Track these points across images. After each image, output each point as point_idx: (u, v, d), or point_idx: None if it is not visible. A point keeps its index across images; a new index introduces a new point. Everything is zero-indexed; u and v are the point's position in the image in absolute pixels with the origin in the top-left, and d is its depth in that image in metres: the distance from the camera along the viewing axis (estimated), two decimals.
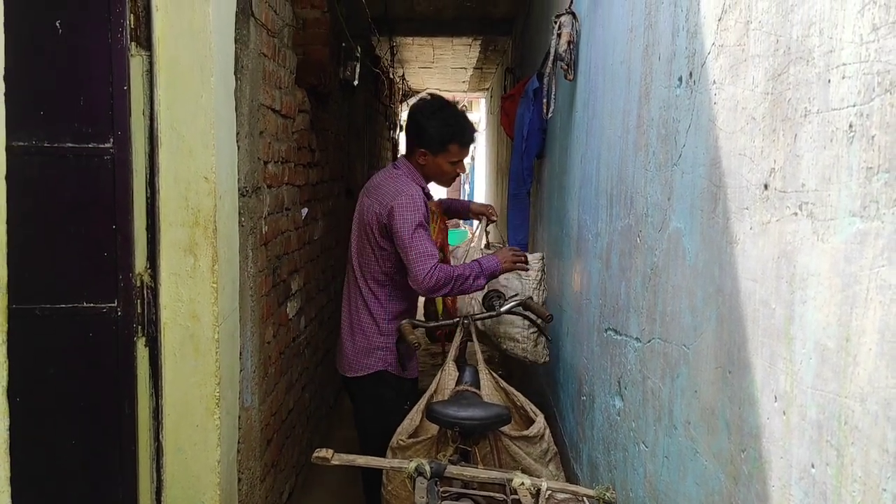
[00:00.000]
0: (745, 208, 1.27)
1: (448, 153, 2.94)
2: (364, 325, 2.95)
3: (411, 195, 2.82)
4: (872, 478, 0.88)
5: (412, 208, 2.79)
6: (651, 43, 1.90)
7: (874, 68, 0.90)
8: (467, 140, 3.00)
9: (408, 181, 2.92)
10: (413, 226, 2.76)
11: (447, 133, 2.92)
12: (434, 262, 2.77)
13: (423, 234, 2.79)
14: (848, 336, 0.94)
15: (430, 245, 2.79)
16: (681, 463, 1.59)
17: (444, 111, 2.97)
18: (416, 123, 2.95)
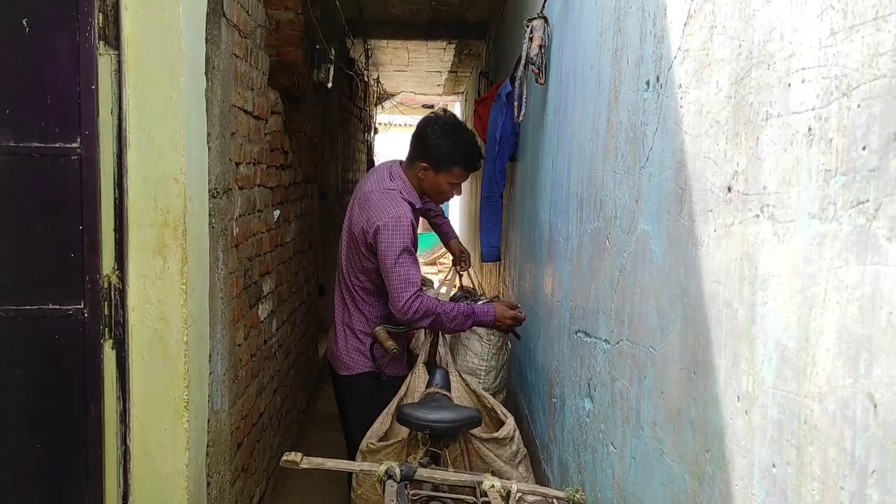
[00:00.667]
0: (709, 210, 1.28)
1: (450, 174, 2.90)
2: (355, 326, 2.96)
3: (398, 217, 2.77)
4: (831, 476, 0.90)
5: (399, 232, 2.74)
6: (620, 47, 1.92)
7: (832, 72, 0.91)
8: (473, 166, 2.97)
9: (398, 200, 2.84)
10: (397, 251, 2.72)
11: (455, 155, 2.88)
12: (414, 290, 2.73)
13: (408, 259, 2.75)
14: (807, 336, 0.96)
15: (414, 272, 2.75)
16: (648, 464, 1.60)
17: (457, 133, 2.91)
18: (425, 137, 2.88)
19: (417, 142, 2.92)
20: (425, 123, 2.95)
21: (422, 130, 2.92)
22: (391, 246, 2.73)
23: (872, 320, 0.82)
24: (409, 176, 2.94)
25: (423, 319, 2.76)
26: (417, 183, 2.93)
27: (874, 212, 0.82)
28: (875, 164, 0.82)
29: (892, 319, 0.79)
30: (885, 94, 0.81)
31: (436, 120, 2.93)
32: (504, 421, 2.57)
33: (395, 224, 2.75)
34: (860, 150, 0.85)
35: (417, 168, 2.90)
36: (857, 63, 0.86)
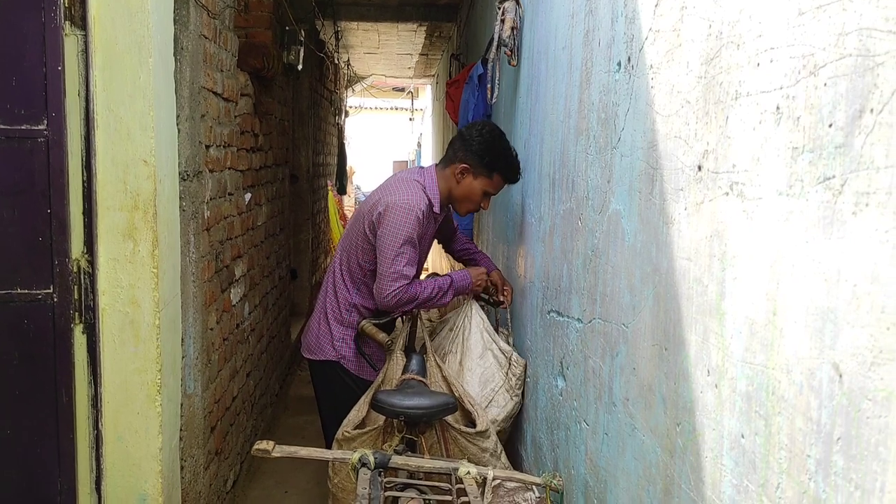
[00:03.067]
0: (679, 189, 1.30)
1: (489, 181, 2.80)
2: (328, 309, 2.93)
3: (411, 204, 2.68)
4: (798, 445, 0.93)
5: (408, 219, 2.66)
6: (591, 28, 1.93)
7: (800, 51, 0.93)
8: (512, 179, 2.86)
9: (418, 190, 2.76)
10: (400, 239, 2.65)
11: (501, 163, 2.78)
12: (403, 283, 2.68)
13: (409, 251, 2.68)
14: (775, 310, 0.98)
15: (410, 268, 2.69)
16: (620, 439, 1.63)
17: (504, 141, 2.82)
18: (472, 139, 2.79)
19: (462, 143, 2.81)
20: (471, 127, 2.88)
21: (467, 133, 2.84)
22: (395, 231, 2.66)
23: (838, 293, 0.84)
24: (441, 177, 2.84)
25: (405, 306, 2.72)
26: (447, 186, 2.83)
27: (840, 187, 0.84)
28: (841, 141, 0.85)
29: (856, 292, 0.81)
30: (850, 72, 0.83)
31: (482, 125, 2.86)
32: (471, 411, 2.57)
33: (406, 209, 2.67)
34: (827, 127, 0.87)
35: (455, 169, 2.79)
36: (824, 42, 0.88)
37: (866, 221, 0.80)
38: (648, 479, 1.45)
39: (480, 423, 2.53)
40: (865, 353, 0.79)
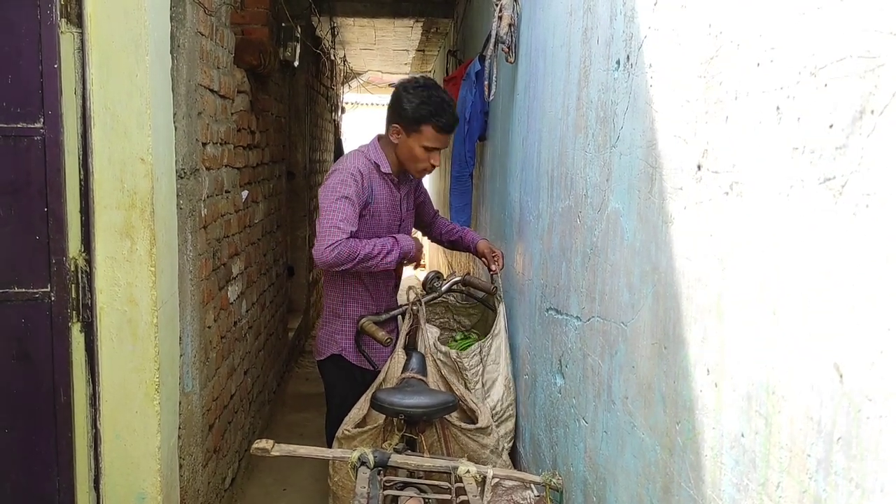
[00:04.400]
0: (679, 188, 1.31)
1: (421, 134, 2.76)
2: (327, 308, 2.94)
3: (345, 167, 2.74)
4: (798, 444, 0.93)
5: (340, 179, 2.69)
6: (590, 26, 1.93)
7: (800, 52, 0.93)
8: (444, 125, 2.78)
9: (358, 155, 2.82)
10: (335, 196, 2.66)
11: (423, 111, 2.73)
12: (341, 236, 2.61)
13: (342, 206, 2.65)
14: (775, 310, 0.98)
15: (345, 220, 2.64)
16: (619, 437, 1.63)
17: (427, 90, 2.77)
18: (397, 97, 2.79)
19: (392, 105, 2.83)
20: (399, 86, 2.85)
21: (395, 93, 2.82)
22: (330, 190, 2.68)
23: (838, 293, 0.85)
24: (385, 143, 2.87)
25: (346, 263, 2.64)
26: (391, 151, 2.85)
27: (840, 188, 0.84)
28: (842, 142, 0.85)
29: (856, 292, 0.81)
30: (850, 73, 0.83)
31: (409, 81, 2.85)
32: (474, 409, 2.58)
33: (341, 171, 2.72)
34: (827, 128, 0.87)
35: (391, 131, 2.82)
36: (825, 43, 0.88)
37: (866, 222, 0.80)
38: (648, 477, 1.45)
39: (482, 419, 2.53)
40: (866, 353, 0.79)
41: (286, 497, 3.76)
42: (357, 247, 2.65)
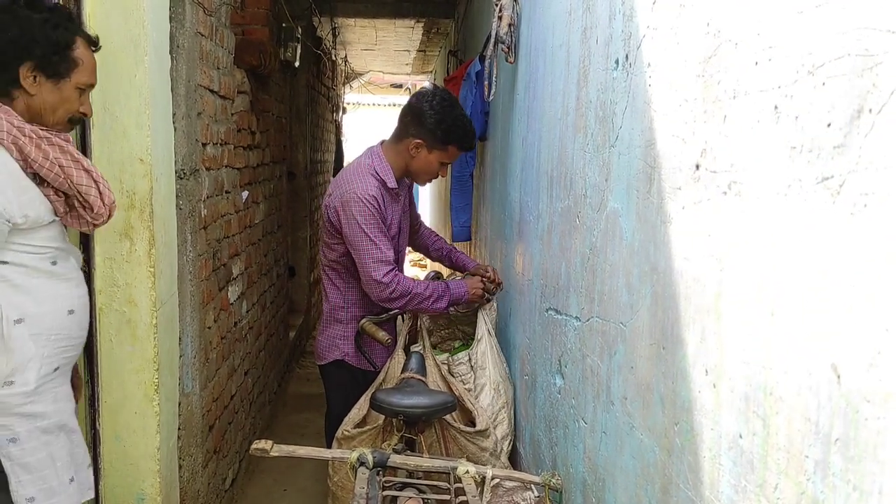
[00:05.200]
0: (677, 188, 1.30)
1: (445, 152, 2.79)
2: (326, 313, 2.93)
3: (360, 193, 2.66)
4: (796, 445, 0.92)
5: (362, 209, 2.64)
6: (589, 26, 1.92)
7: (798, 50, 0.93)
8: (469, 145, 2.87)
9: (365, 174, 2.74)
10: (364, 228, 2.64)
11: (454, 133, 2.76)
12: (389, 268, 2.66)
13: (378, 236, 2.66)
14: (772, 311, 0.98)
15: (385, 249, 2.67)
16: (618, 438, 1.62)
17: (455, 110, 2.79)
18: (422, 113, 2.74)
19: (413, 117, 2.77)
20: (421, 98, 2.80)
21: (417, 105, 2.78)
22: (355, 223, 2.64)
23: (836, 294, 0.84)
24: (393, 152, 2.82)
25: (399, 300, 2.69)
26: (403, 161, 2.80)
27: (838, 187, 0.84)
28: (839, 141, 0.84)
29: (854, 292, 0.81)
30: (848, 71, 0.82)
31: (433, 95, 2.80)
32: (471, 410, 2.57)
33: (357, 200, 2.65)
34: (825, 127, 0.87)
35: (410, 144, 2.76)
36: (823, 41, 0.88)
37: (865, 222, 0.79)
38: (646, 478, 1.44)
39: (480, 422, 2.52)
40: (864, 354, 0.79)
41: (286, 498, 3.76)
42: (411, 286, 2.71)
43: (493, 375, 2.81)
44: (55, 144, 1.76)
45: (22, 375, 1.74)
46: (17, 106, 1.76)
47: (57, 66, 1.78)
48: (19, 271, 1.74)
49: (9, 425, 1.74)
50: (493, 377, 2.81)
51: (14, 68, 1.74)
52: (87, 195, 1.80)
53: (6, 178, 1.67)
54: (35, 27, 1.74)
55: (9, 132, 1.67)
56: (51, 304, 1.80)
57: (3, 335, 1.71)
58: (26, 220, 1.71)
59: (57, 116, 1.82)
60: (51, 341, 1.80)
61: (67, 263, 1.87)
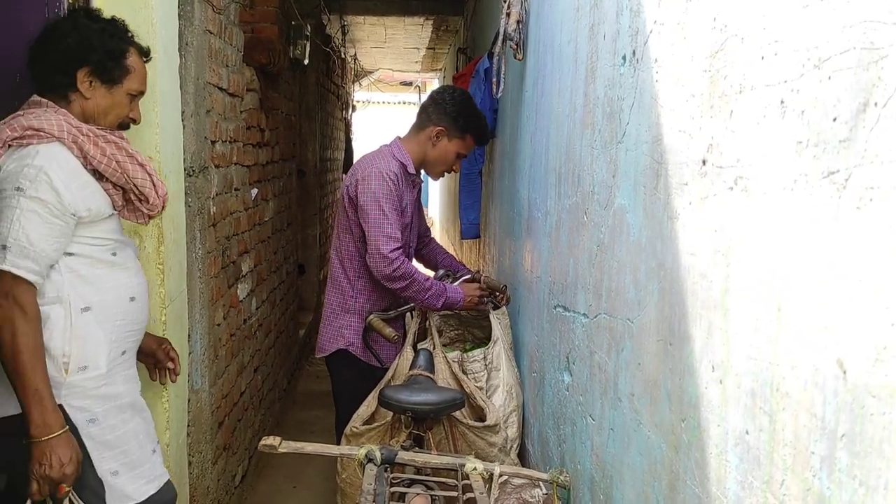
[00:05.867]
0: (684, 184, 1.30)
1: (463, 142, 2.96)
2: (332, 303, 2.94)
3: (381, 169, 2.77)
4: (802, 441, 0.92)
5: (382, 184, 2.73)
6: (596, 22, 1.92)
7: (804, 44, 0.92)
8: (482, 139, 3.08)
9: (386, 155, 2.86)
10: (379, 203, 2.71)
11: (472, 123, 2.96)
12: (396, 245, 2.71)
13: (392, 214, 2.73)
14: (779, 306, 0.97)
15: (396, 228, 2.73)
16: (625, 434, 1.62)
17: (471, 103, 3.02)
18: (444, 103, 2.93)
19: (435, 106, 2.95)
20: (442, 92, 3.04)
21: (440, 96, 2.99)
22: (375, 196, 2.73)
23: (842, 288, 0.84)
24: (412, 142, 2.95)
25: (400, 281, 2.73)
26: (422, 150, 2.94)
27: (844, 182, 0.83)
28: (845, 136, 0.84)
29: (861, 287, 0.80)
30: (854, 65, 0.82)
31: (452, 90, 3.03)
32: (483, 406, 2.57)
33: (379, 174, 2.76)
34: (831, 121, 0.86)
35: (432, 132, 2.92)
36: (828, 35, 0.87)
37: (871, 216, 0.79)
38: (654, 474, 1.44)
39: (490, 417, 2.52)
40: (870, 349, 0.78)
41: (296, 494, 3.77)
42: (413, 272, 2.75)
43: (506, 377, 2.81)
44: (111, 141, 1.88)
45: (94, 360, 1.85)
46: (73, 109, 1.88)
47: (111, 72, 1.90)
48: (84, 262, 1.85)
49: (87, 407, 1.84)
50: (507, 379, 2.81)
51: (72, 72, 1.86)
52: (142, 188, 1.92)
53: (69, 175, 1.78)
54: (93, 35, 1.87)
55: (69, 132, 1.79)
56: (114, 292, 1.90)
57: (73, 323, 1.81)
58: (89, 213, 1.82)
59: (108, 120, 1.93)
60: (116, 327, 1.91)
61: (125, 254, 1.98)
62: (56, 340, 1.78)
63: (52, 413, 1.72)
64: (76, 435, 1.80)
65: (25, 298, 1.71)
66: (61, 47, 1.84)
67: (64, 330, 1.79)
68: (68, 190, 1.75)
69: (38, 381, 1.70)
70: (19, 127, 1.75)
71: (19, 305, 1.69)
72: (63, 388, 1.79)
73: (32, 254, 1.71)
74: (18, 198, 1.70)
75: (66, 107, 1.86)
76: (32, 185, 1.71)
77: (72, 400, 1.81)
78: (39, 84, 1.90)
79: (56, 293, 1.80)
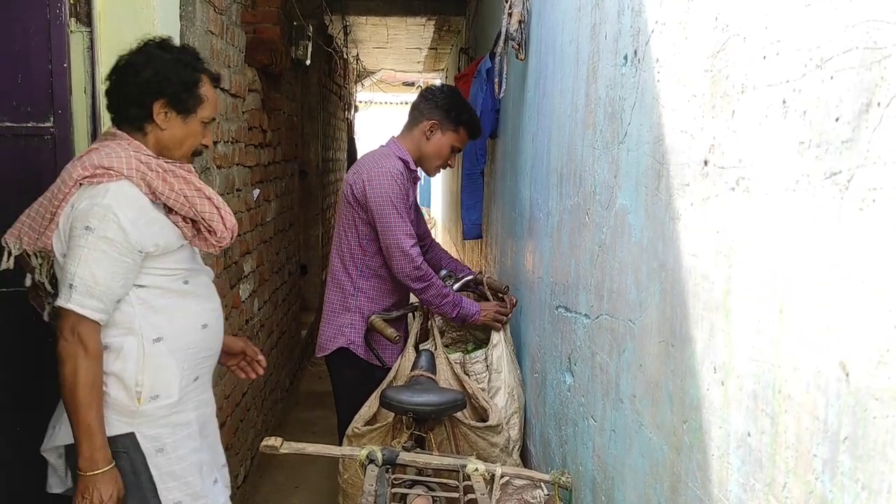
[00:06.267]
0: (686, 184, 1.29)
1: (457, 135, 2.97)
2: (333, 302, 2.93)
3: (387, 169, 2.78)
4: (804, 444, 0.91)
5: (391, 184, 2.75)
6: (598, 22, 1.91)
7: (806, 44, 0.92)
8: (475, 132, 3.07)
9: (389, 155, 2.88)
10: (396, 202, 2.74)
11: (464, 116, 2.97)
12: (415, 241, 2.76)
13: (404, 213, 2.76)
14: (781, 307, 0.97)
15: (411, 226, 2.78)
16: (627, 436, 1.62)
17: (461, 98, 3.08)
18: (436, 97, 2.96)
19: (426, 102, 2.97)
20: (431, 88, 3.11)
21: (429, 93, 3.03)
22: (386, 197, 2.74)
23: (845, 290, 0.83)
24: (407, 140, 2.96)
25: (421, 281, 2.76)
26: (416, 146, 2.95)
27: (846, 183, 0.83)
28: (848, 136, 0.83)
29: (863, 289, 0.80)
30: (857, 65, 0.81)
31: (441, 86, 3.15)
32: (486, 407, 2.57)
33: (387, 174, 2.78)
34: (833, 121, 0.86)
35: (425, 127, 2.93)
36: (830, 35, 0.86)
37: (873, 217, 0.78)
38: (655, 476, 1.43)
39: (492, 417, 2.52)
40: (873, 351, 0.78)
41: (298, 495, 3.77)
42: (431, 275, 2.79)
43: (508, 380, 2.80)
44: (179, 176, 1.90)
45: (166, 389, 1.89)
46: (149, 140, 1.90)
47: (186, 102, 1.91)
48: (155, 293, 1.88)
49: (157, 436, 1.88)
50: (509, 381, 2.80)
51: (149, 105, 1.87)
52: (210, 221, 1.93)
53: (137, 213, 1.81)
54: (167, 67, 1.88)
55: (137, 169, 1.82)
56: (184, 320, 1.94)
57: (145, 353, 1.86)
58: (157, 248, 1.85)
59: (183, 149, 1.96)
60: (189, 354, 1.94)
61: (198, 281, 2.01)
62: (129, 371, 1.83)
63: (101, 450, 1.77)
64: (143, 464, 1.85)
65: (89, 336, 1.76)
66: (137, 81, 1.86)
67: (137, 360, 1.84)
68: (135, 227, 1.78)
69: (92, 418, 1.75)
70: (90, 165, 1.79)
71: (83, 343, 1.75)
72: (136, 416, 1.85)
73: (97, 292, 1.75)
74: (87, 237, 1.74)
75: (141, 138, 1.89)
76: (101, 225, 1.75)
77: (144, 428, 1.86)
78: (115, 116, 1.92)
79: (128, 325, 1.84)
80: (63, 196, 1.79)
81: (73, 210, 1.78)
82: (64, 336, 1.75)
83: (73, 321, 1.75)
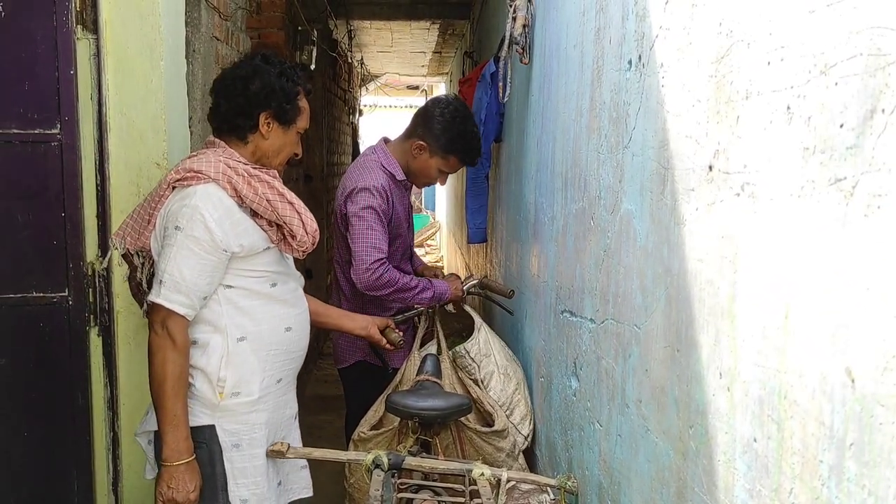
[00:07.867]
0: (691, 189, 1.29)
1: (445, 161, 2.87)
2: None
3: (369, 184, 2.73)
4: (810, 450, 0.91)
5: (369, 197, 2.70)
6: (602, 26, 1.91)
7: (810, 50, 0.92)
8: (470, 161, 2.97)
9: (374, 167, 2.81)
10: (367, 216, 2.69)
11: (458, 145, 2.85)
12: (380, 256, 2.69)
13: (376, 226, 2.70)
14: (787, 313, 0.97)
15: (380, 238, 2.71)
16: (633, 441, 1.62)
17: (465, 124, 2.87)
18: (431, 118, 2.84)
19: (423, 119, 2.87)
20: (435, 103, 2.90)
21: (430, 110, 2.88)
22: (359, 209, 2.70)
23: (850, 296, 0.83)
24: (399, 149, 2.89)
25: (385, 288, 2.72)
26: (405, 159, 2.87)
27: (851, 189, 0.83)
28: (852, 142, 0.83)
29: (869, 295, 0.80)
30: (861, 71, 0.81)
31: (447, 104, 2.88)
32: (491, 412, 2.56)
33: (363, 189, 2.72)
34: (838, 127, 0.86)
35: (413, 144, 2.84)
36: (835, 41, 0.87)
37: (878, 223, 0.78)
38: (661, 481, 1.43)
39: (498, 422, 2.52)
40: (878, 357, 0.78)
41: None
42: (397, 277, 2.73)
43: (499, 360, 2.80)
44: (263, 181, 1.96)
45: (247, 387, 1.95)
46: (248, 149, 1.99)
47: (288, 113, 2.00)
48: (242, 294, 1.95)
49: (235, 431, 1.95)
50: (500, 361, 2.80)
51: (256, 116, 1.97)
52: (290, 225, 1.99)
53: (223, 214, 1.87)
54: (273, 80, 1.97)
55: (224, 173, 1.89)
56: (268, 322, 1.99)
57: (229, 351, 1.92)
58: (242, 249, 1.91)
59: (280, 158, 2.06)
60: (271, 356, 2.00)
61: (286, 286, 2.06)
62: (213, 365, 1.91)
63: (185, 441, 1.84)
64: (220, 457, 1.92)
65: (176, 329, 1.84)
66: (247, 93, 1.94)
67: (221, 356, 1.91)
68: (220, 227, 1.84)
69: (178, 408, 1.83)
70: (182, 170, 1.88)
71: (171, 336, 1.83)
72: (217, 410, 1.92)
73: (184, 288, 1.83)
74: (176, 236, 1.83)
75: (241, 147, 1.97)
76: (189, 224, 1.82)
77: (223, 423, 1.93)
78: (218, 125, 2.00)
79: (216, 322, 1.92)
80: (159, 198, 1.89)
81: (166, 211, 1.87)
82: (154, 329, 1.84)
83: (163, 315, 1.83)
